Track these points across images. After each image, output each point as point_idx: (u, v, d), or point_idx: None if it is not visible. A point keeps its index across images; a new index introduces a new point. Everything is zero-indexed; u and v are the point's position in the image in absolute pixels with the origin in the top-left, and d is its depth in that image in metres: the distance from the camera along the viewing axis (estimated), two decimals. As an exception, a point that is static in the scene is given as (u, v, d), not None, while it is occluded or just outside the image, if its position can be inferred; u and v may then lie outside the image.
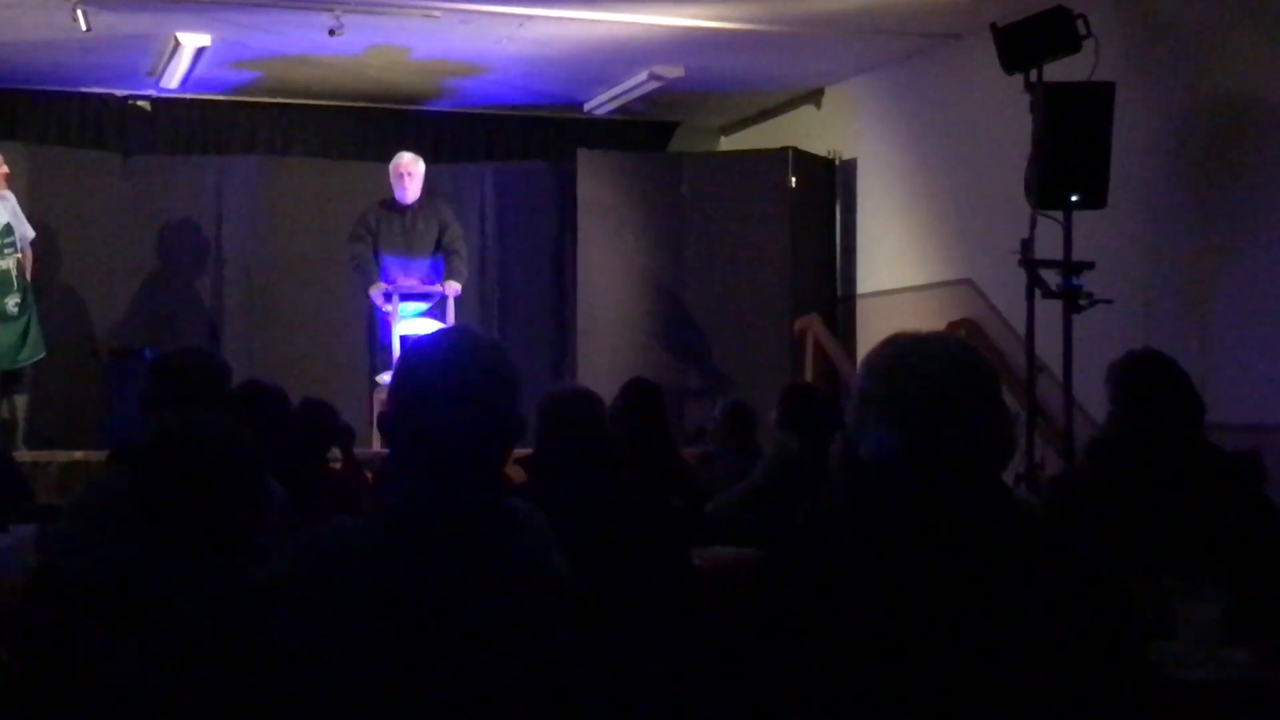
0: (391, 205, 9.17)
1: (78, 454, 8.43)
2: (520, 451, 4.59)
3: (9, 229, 8.77)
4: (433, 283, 9.01)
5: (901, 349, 2.29)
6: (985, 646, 2.05)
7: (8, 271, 8.74)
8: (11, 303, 8.74)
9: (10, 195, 8.90)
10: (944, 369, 2.23)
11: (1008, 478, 7.02)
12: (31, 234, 9.02)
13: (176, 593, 2.06)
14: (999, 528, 2.15)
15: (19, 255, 8.83)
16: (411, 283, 9.00)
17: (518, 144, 11.51)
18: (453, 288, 8.93)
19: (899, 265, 9.99)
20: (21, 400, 8.96)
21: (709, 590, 4.02)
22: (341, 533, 2.28)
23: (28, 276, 8.91)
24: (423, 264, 9.07)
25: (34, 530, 4.33)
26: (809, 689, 2.10)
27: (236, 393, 4.02)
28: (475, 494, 2.30)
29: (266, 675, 2.07)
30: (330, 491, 4.96)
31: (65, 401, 9.84)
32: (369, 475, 6.48)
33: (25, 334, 8.85)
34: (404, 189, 9.08)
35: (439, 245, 9.11)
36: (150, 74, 10.20)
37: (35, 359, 8.95)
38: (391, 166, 9.26)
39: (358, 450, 6.74)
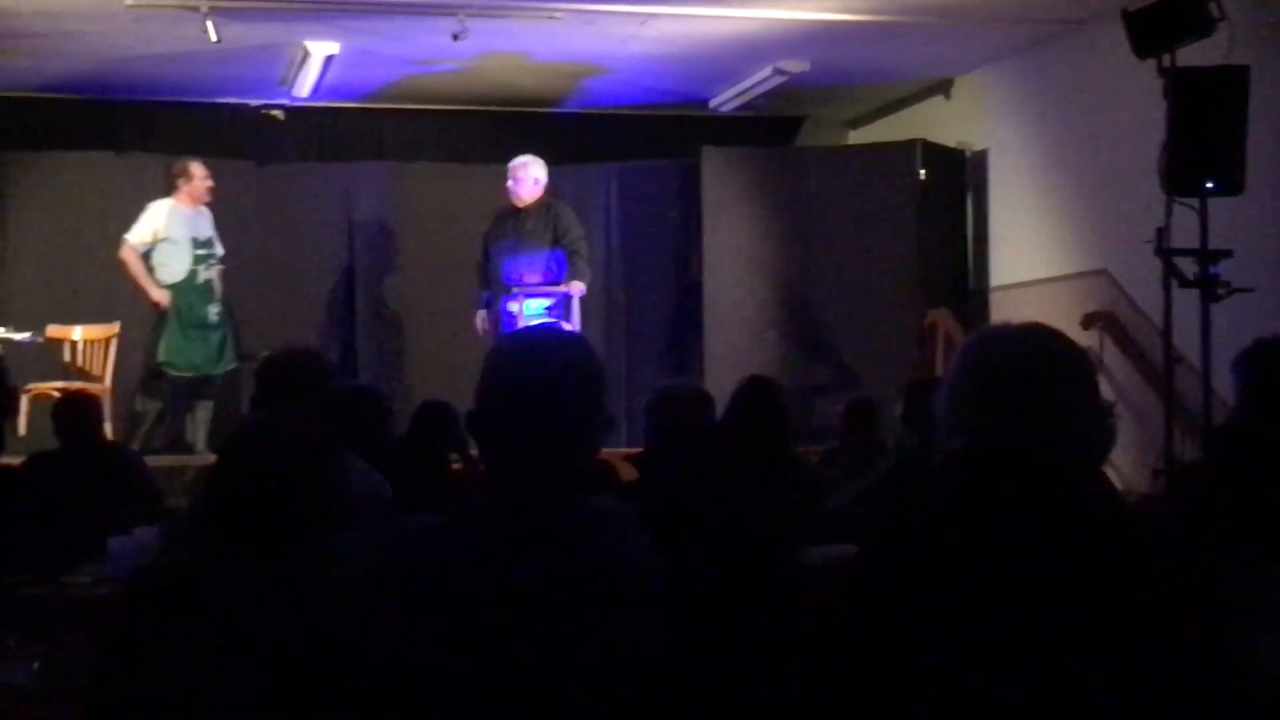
0: (509, 208, 9.23)
1: (213, 458, 8.59)
2: (629, 451, 4.61)
3: (211, 241, 9.18)
4: (551, 277, 9.03)
5: (990, 341, 2.23)
6: (1078, 640, 1.98)
7: (210, 282, 9.17)
8: (213, 312, 9.15)
9: (208, 210, 9.28)
10: (1034, 360, 2.17)
11: (1145, 471, 6.80)
12: (222, 251, 9.41)
13: (251, 591, 2.06)
14: (1091, 521, 2.08)
15: (220, 268, 9.21)
16: (535, 278, 9.02)
17: (642, 143, 11.48)
18: (576, 287, 8.94)
19: (1032, 257, 9.79)
20: (208, 407, 9.22)
21: (820, 588, 3.94)
22: (421, 531, 2.26)
23: (222, 287, 9.32)
24: (536, 259, 9.07)
25: (155, 532, 4.41)
26: (897, 685, 2.05)
27: (338, 396, 4.04)
28: (558, 492, 2.27)
29: (340, 674, 2.05)
30: (447, 492, 4.97)
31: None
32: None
33: (224, 344, 9.16)
34: (510, 191, 9.15)
35: (556, 243, 9.11)
36: (281, 83, 10.37)
37: (229, 368, 9.25)
38: None
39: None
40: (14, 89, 10.39)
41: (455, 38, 8.80)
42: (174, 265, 9.08)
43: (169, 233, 9.07)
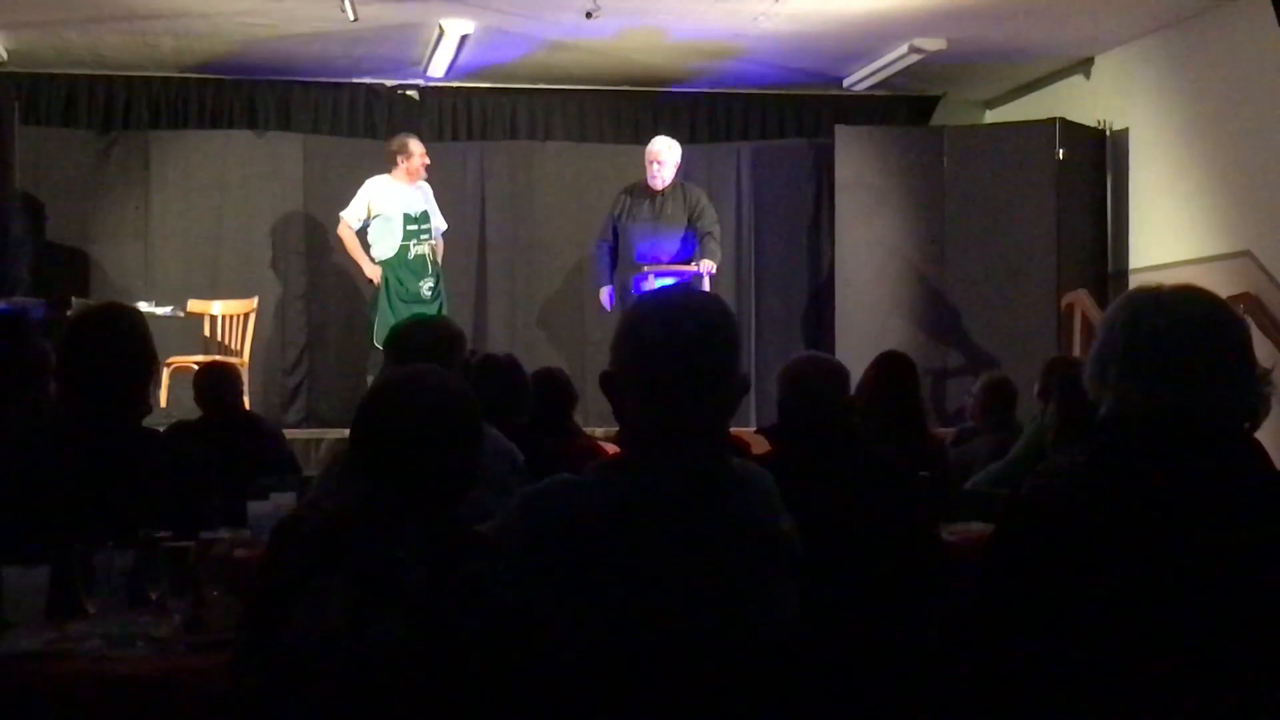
0: (643, 188, 9.26)
1: (347, 432, 8.69)
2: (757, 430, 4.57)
3: (425, 216, 9.33)
4: (683, 257, 9.05)
5: (1141, 304, 2.17)
6: (1227, 606, 1.93)
7: (423, 257, 9.28)
8: (425, 287, 9.26)
9: (427, 185, 9.42)
10: (1186, 323, 2.11)
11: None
12: (444, 226, 9.56)
13: (393, 544, 2.07)
14: (1245, 489, 2.01)
15: (433, 243, 9.35)
16: (668, 258, 9.05)
17: (775, 123, 11.42)
18: (707, 266, 8.95)
19: (1174, 238, 9.57)
20: None
21: (958, 564, 3.88)
22: (563, 488, 2.27)
23: (439, 263, 9.42)
24: (673, 240, 9.12)
25: (292, 497, 4.48)
26: (1036, 653, 2.00)
27: (472, 364, 4.06)
28: (696, 450, 2.26)
29: (482, 627, 2.06)
30: (573, 458, 4.95)
31: (339, 382, 10.20)
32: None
33: None
34: (654, 176, 9.20)
35: (690, 225, 9.15)
36: (417, 63, 10.46)
37: None
38: (645, 153, 9.34)
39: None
40: (159, 70, 10.61)
41: (588, 16, 8.81)
42: (386, 242, 9.22)
43: (381, 209, 9.22)
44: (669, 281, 8.91)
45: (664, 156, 9.19)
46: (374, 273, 9.21)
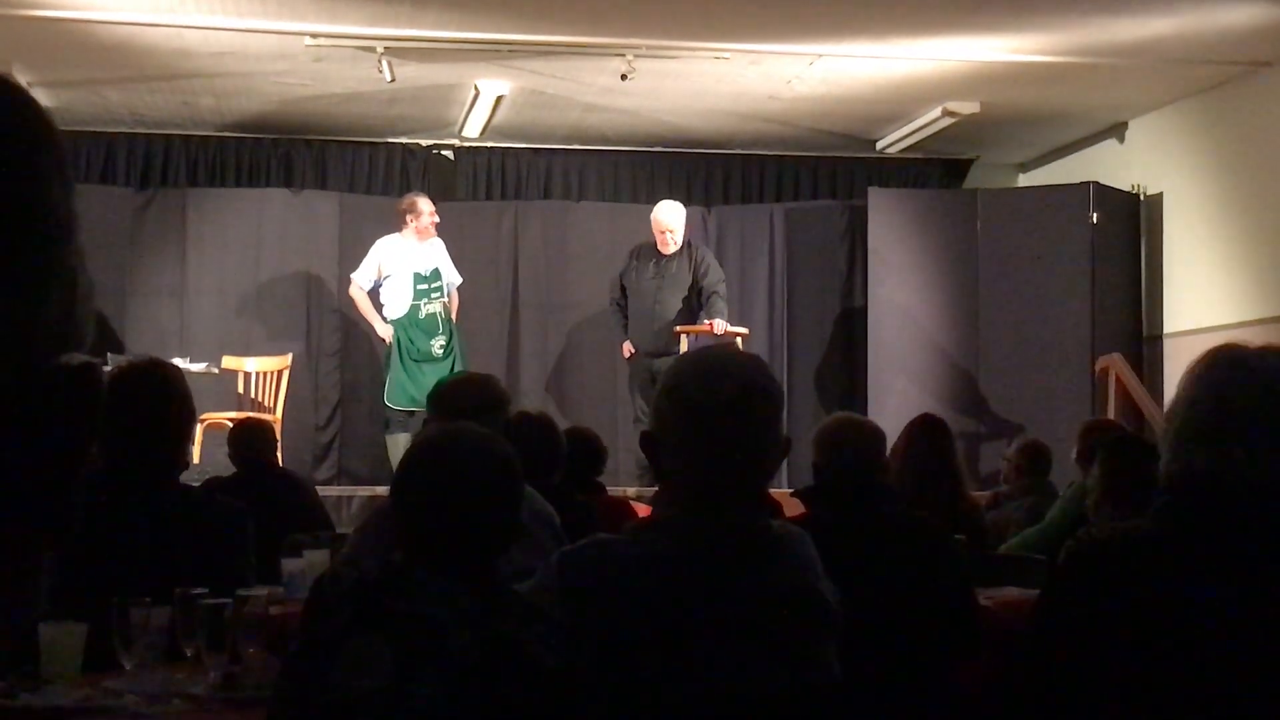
0: (651, 249, 9.34)
1: (379, 489, 8.71)
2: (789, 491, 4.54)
3: (437, 274, 9.39)
4: (687, 317, 9.12)
5: (1217, 365, 2.11)
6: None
7: (434, 315, 9.34)
8: (437, 345, 9.31)
9: (439, 241, 9.48)
10: (1260, 388, 2.05)
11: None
12: (459, 280, 9.61)
13: (434, 603, 2.06)
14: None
15: (445, 300, 9.39)
16: (681, 318, 9.10)
17: (808, 184, 11.47)
18: (720, 325, 8.98)
19: (1209, 302, 9.54)
20: (404, 439, 9.30)
21: (996, 630, 3.85)
22: (601, 548, 2.26)
23: (453, 319, 9.46)
24: (675, 299, 9.22)
25: (326, 554, 4.47)
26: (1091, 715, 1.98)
27: (511, 423, 4.06)
28: (737, 511, 2.25)
29: (523, 688, 2.05)
30: (601, 519, 4.94)
31: (371, 440, 10.20)
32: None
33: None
34: (666, 244, 9.30)
35: (695, 284, 9.22)
36: (452, 123, 10.54)
37: None
38: (653, 221, 9.39)
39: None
40: (197, 128, 10.72)
41: (623, 78, 8.87)
42: (397, 301, 9.31)
43: (391, 269, 9.32)
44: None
45: (673, 223, 9.31)
46: (385, 332, 9.29)
